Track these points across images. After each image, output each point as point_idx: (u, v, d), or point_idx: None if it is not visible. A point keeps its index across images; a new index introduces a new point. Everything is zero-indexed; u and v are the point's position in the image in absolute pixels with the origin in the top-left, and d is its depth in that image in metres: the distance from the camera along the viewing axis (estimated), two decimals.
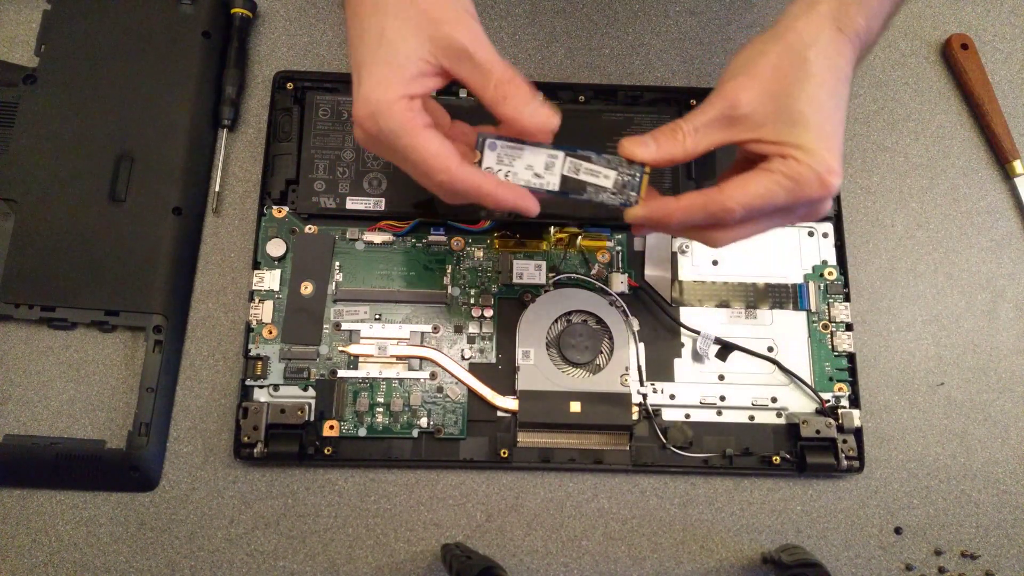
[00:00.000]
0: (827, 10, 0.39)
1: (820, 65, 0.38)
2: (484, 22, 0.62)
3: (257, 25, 0.62)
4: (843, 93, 0.39)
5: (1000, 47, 0.64)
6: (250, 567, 0.51)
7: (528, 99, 0.38)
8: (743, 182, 0.38)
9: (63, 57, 0.57)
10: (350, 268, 0.56)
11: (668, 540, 0.53)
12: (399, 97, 0.37)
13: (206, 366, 0.55)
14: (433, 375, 0.54)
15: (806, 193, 0.38)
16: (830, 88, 0.38)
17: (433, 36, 0.37)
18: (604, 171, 0.40)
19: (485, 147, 0.39)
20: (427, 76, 0.37)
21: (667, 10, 0.64)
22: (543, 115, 0.38)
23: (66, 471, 0.52)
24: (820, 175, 0.37)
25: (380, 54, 0.37)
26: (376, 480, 0.53)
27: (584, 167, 0.40)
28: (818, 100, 0.38)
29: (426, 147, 0.37)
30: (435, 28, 0.37)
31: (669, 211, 0.40)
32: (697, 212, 0.39)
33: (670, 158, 0.40)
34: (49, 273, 0.53)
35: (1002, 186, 0.61)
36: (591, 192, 0.40)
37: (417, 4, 0.37)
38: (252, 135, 0.60)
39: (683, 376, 0.55)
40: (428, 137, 0.37)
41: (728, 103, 0.38)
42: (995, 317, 0.58)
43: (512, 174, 0.40)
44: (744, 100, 0.38)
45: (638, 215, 0.41)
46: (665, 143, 0.39)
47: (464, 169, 0.38)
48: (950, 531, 0.54)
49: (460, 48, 0.37)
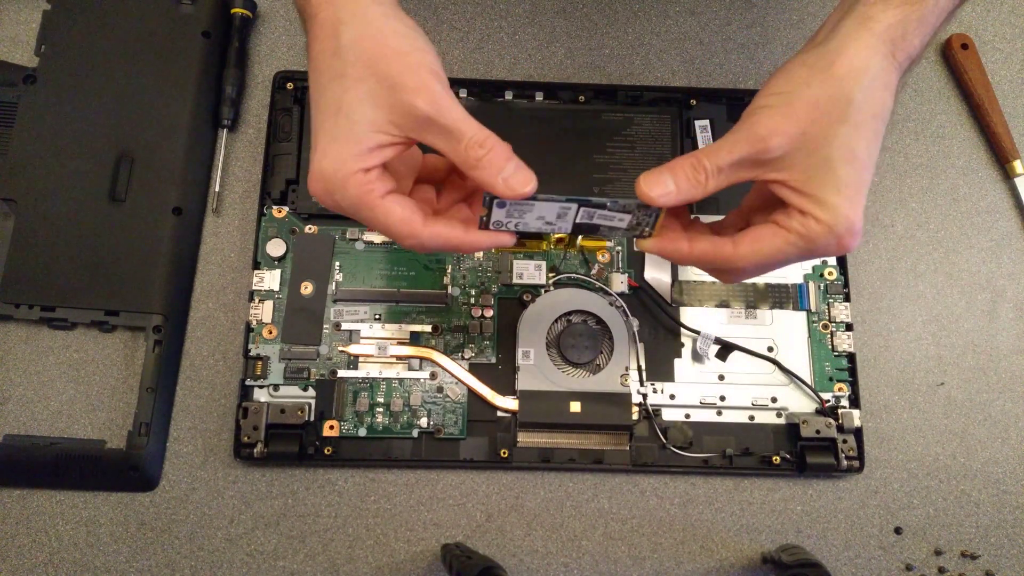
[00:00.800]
0: (882, 31, 0.35)
1: (864, 110, 0.35)
2: (484, 22, 0.63)
3: (257, 25, 0.62)
4: (880, 133, 0.36)
5: (1000, 47, 0.64)
6: (250, 567, 0.51)
7: (502, 162, 0.35)
8: (756, 240, 0.37)
9: (63, 57, 0.57)
10: (350, 268, 0.56)
11: (668, 540, 0.53)
12: (354, 172, 0.35)
13: (206, 366, 0.55)
14: (433, 375, 0.54)
15: (820, 251, 0.36)
16: (868, 135, 0.35)
17: (393, 105, 0.35)
18: (619, 215, 0.38)
19: (494, 205, 0.36)
20: (386, 147, 0.36)
21: (667, 10, 0.64)
22: (519, 180, 0.35)
23: (66, 471, 0.52)
24: (839, 237, 0.35)
25: (337, 126, 0.35)
26: (376, 480, 0.53)
27: (599, 214, 0.38)
28: (854, 151, 0.35)
29: (387, 217, 0.36)
30: (395, 97, 0.34)
31: (680, 253, 0.39)
32: (707, 260, 0.39)
33: (689, 199, 0.37)
34: (49, 273, 0.53)
35: (1002, 186, 0.61)
36: (605, 231, 0.39)
37: (376, 71, 0.35)
38: (252, 135, 0.60)
39: (683, 376, 0.55)
40: (388, 207, 0.36)
41: (759, 146, 0.35)
42: (995, 317, 0.58)
43: (523, 224, 0.38)
44: (776, 144, 0.35)
45: (649, 248, 0.40)
46: (685, 185, 0.37)
47: (429, 229, 0.36)
48: (950, 531, 0.54)
49: (422, 116, 0.34)
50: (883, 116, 0.36)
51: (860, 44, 0.35)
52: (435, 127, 0.35)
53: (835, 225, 0.35)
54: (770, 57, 0.63)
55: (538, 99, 0.59)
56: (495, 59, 0.62)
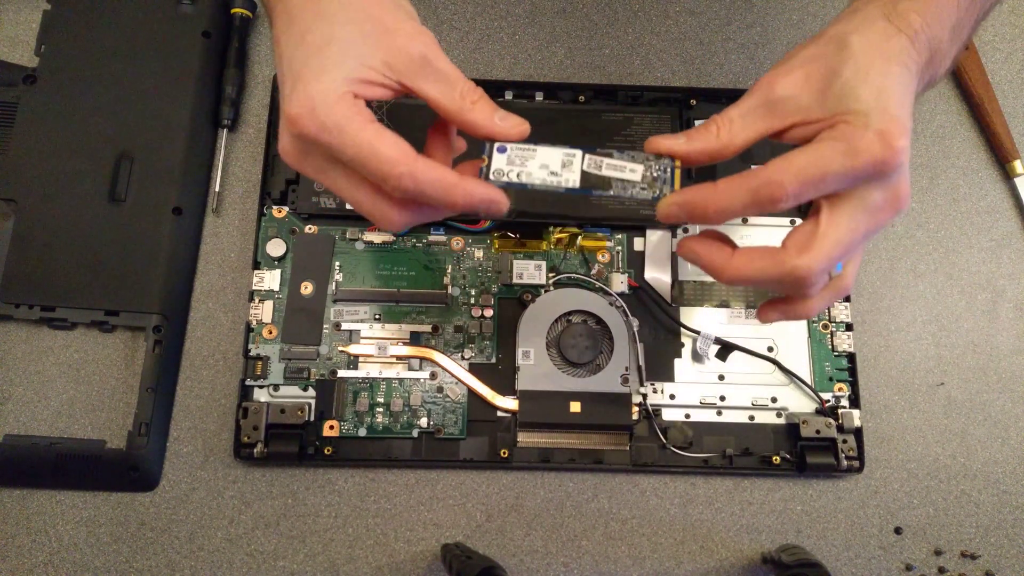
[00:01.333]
0: (876, 8, 0.35)
1: (865, 47, 0.33)
2: (484, 22, 0.63)
3: (257, 25, 0.62)
4: (899, 75, 0.33)
5: (1000, 47, 0.64)
6: (250, 567, 0.51)
7: (495, 107, 0.35)
8: (787, 157, 0.33)
9: (63, 57, 0.57)
10: (350, 268, 0.56)
11: (668, 540, 0.53)
12: (345, 92, 0.33)
13: (206, 366, 0.55)
14: (433, 375, 0.54)
15: (866, 155, 0.32)
16: (880, 68, 0.33)
17: (389, 47, 0.34)
18: (630, 165, 0.36)
19: (494, 150, 0.35)
20: (375, 85, 0.34)
21: (667, 10, 0.64)
22: (513, 119, 0.35)
23: (66, 471, 0.52)
24: (879, 131, 0.31)
25: (326, 56, 0.33)
26: (376, 480, 0.53)
27: (607, 163, 0.36)
28: (868, 74, 0.33)
29: (378, 140, 0.33)
30: (390, 39, 0.34)
31: (705, 196, 0.34)
32: (739, 193, 0.34)
33: (703, 150, 0.35)
34: (49, 273, 0.53)
35: (1002, 186, 0.61)
36: (617, 187, 0.36)
37: (371, 15, 0.34)
38: (252, 135, 0.60)
39: (683, 376, 0.55)
40: (379, 130, 0.33)
41: (765, 90, 0.34)
42: (995, 317, 0.58)
43: (525, 174, 0.36)
44: (781, 84, 0.34)
45: (671, 202, 0.35)
46: (696, 135, 0.35)
47: (424, 161, 0.33)
48: (950, 531, 0.54)
49: (419, 58, 0.34)
50: (892, 58, 0.33)
51: (851, 17, 0.35)
52: (431, 70, 0.34)
53: (872, 120, 0.32)
54: (770, 57, 0.63)
55: (538, 99, 0.59)
56: (495, 59, 0.62)
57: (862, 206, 0.33)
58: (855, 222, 0.34)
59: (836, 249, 0.34)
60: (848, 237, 0.34)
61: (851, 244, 0.34)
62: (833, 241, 0.34)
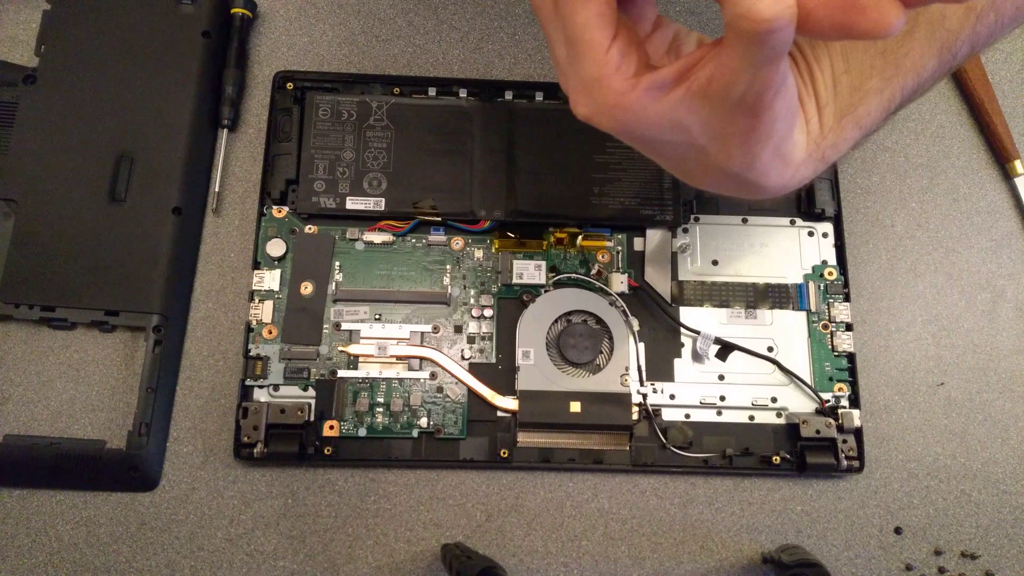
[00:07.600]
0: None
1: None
2: (484, 22, 0.63)
3: (257, 25, 0.62)
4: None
5: (1000, 47, 0.64)
6: (250, 567, 0.51)
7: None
8: None
9: (63, 57, 0.57)
10: (350, 268, 0.56)
11: (668, 540, 0.53)
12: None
13: (206, 366, 0.55)
14: (433, 375, 0.54)
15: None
16: None
17: None
18: None
19: None
20: None
21: (667, 10, 0.64)
22: None
23: (66, 471, 0.52)
24: None
25: None
26: (376, 480, 0.53)
27: None
28: None
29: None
30: None
31: None
32: None
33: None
34: (49, 273, 0.53)
35: (1002, 186, 0.61)
36: None
37: None
38: (252, 135, 0.60)
39: (683, 376, 0.55)
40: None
41: None
42: (995, 317, 0.58)
43: None
44: None
45: None
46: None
47: None
48: (950, 531, 0.54)
49: None
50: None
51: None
52: None
53: None
54: None
55: (538, 99, 0.59)
56: (495, 59, 0.62)
57: None
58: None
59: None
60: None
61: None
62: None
